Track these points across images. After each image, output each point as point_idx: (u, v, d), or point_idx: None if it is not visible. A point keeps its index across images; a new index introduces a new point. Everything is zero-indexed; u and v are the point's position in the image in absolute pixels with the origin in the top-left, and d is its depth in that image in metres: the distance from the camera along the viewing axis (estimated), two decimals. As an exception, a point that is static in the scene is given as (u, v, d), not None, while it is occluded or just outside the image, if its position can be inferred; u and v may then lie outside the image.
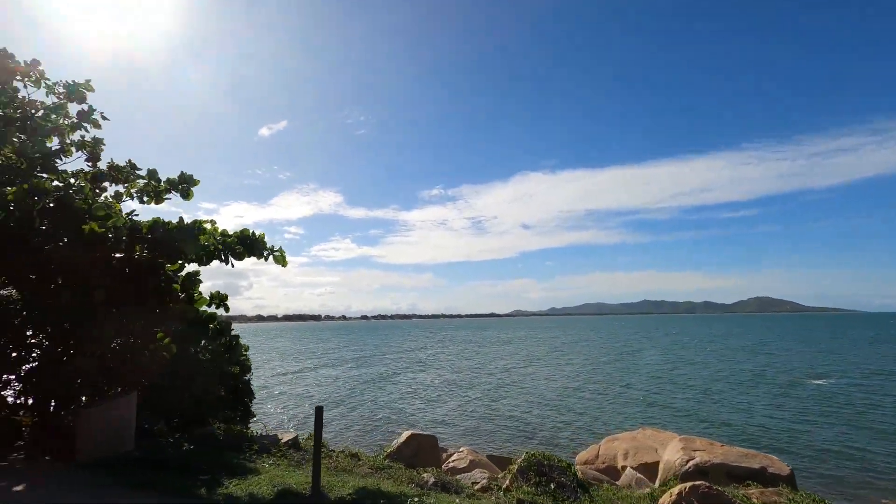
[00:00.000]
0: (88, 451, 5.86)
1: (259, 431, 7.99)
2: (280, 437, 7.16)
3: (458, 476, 8.11)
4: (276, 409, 21.72)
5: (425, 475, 6.31)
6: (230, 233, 7.35)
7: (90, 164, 9.22)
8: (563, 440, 15.64)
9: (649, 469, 10.26)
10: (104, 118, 10.11)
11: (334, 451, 7.01)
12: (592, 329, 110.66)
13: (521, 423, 17.86)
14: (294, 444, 6.91)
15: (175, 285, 7.34)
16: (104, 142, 9.50)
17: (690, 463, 7.43)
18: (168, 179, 7.80)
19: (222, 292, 9.10)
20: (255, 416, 11.57)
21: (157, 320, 7.02)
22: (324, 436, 10.35)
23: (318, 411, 4.11)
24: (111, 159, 9.84)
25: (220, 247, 6.90)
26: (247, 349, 10.84)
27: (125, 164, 9.88)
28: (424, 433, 7.26)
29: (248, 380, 11.21)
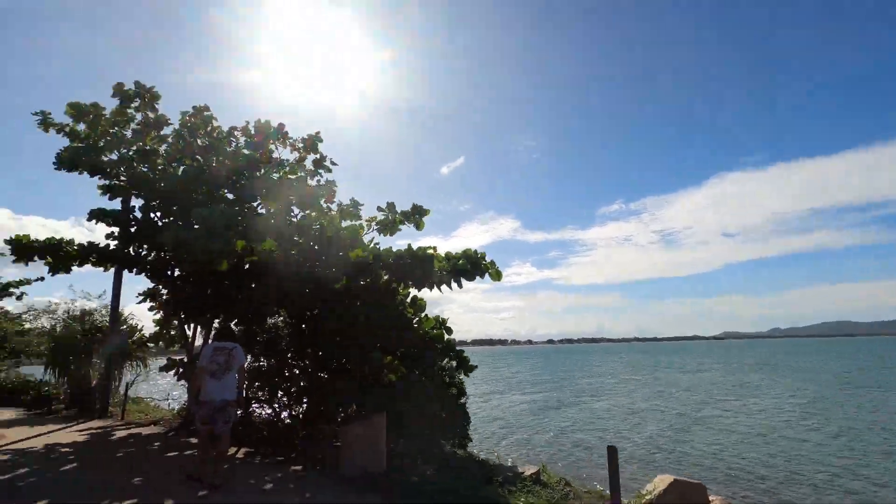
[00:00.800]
0: (350, 467, 6.20)
1: (495, 460, 7.64)
2: (521, 469, 6.67)
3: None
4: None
5: (714, 538, 5.05)
6: (453, 254, 7.40)
7: (327, 203, 10.56)
8: (804, 494, 11.36)
9: None
10: (333, 164, 11.53)
11: (583, 491, 6.22)
12: (834, 353, 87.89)
13: (749, 468, 13.87)
14: (537, 478, 6.33)
15: (408, 309, 7.66)
16: (336, 184, 10.81)
17: None
18: (402, 211, 8.26)
19: (441, 317, 9.32)
20: (471, 440, 11.51)
21: (394, 343, 7.36)
22: (521, 460, 9.48)
23: (612, 452, 3.41)
24: (339, 201, 11.16)
25: (448, 271, 6.95)
26: (461, 375, 10.86)
27: (349, 202, 11.06)
28: (689, 479, 5.97)
29: (464, 402, 11.26)
